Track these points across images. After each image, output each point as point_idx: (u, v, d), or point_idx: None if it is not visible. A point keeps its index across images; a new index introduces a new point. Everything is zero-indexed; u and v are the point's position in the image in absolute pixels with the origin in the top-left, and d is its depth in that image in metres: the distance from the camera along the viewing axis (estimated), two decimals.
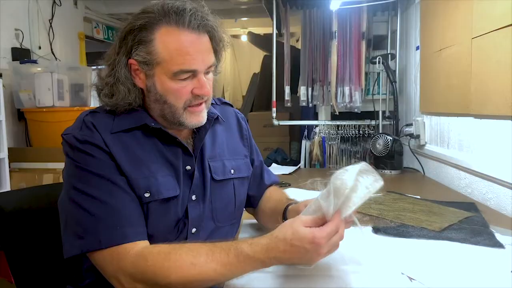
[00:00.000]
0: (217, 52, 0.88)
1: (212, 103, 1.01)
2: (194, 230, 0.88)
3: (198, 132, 0.93)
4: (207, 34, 0.84)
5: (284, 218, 0.92)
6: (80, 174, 0.79)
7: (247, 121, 1.14)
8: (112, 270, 0.74)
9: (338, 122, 2.52)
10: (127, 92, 0.84)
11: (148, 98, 0.86)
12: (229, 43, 0.92)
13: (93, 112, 0.87)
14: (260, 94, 4.26)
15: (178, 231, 0.87)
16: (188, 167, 0.89)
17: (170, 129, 0.88)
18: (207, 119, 0.92)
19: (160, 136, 0.87)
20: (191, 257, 0.71)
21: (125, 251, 0.74)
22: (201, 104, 0.86)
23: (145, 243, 0.78)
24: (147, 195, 0.81)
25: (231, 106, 1.09)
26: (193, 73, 0.82)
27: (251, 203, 1.07)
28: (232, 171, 0.97)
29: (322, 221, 0.70)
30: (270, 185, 1.11)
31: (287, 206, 0.94)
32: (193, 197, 0.89)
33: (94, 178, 0.78)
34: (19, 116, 2.82)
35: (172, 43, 0.80)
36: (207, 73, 0.86)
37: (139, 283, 0.72)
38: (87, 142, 0.80)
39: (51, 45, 3.19)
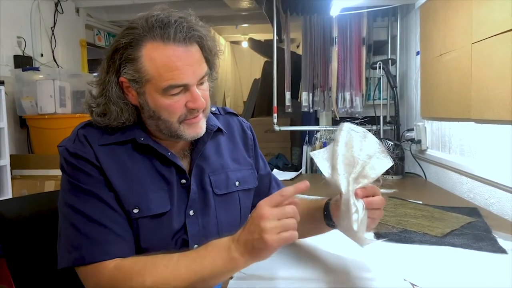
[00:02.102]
0: (209, 60, 0.86)
1: (215, 113, 0.99)
2: (196, 246, 0.85)
3: (196, 145, 0.90)
4: (196, 44, 0.82)
5: (326, 212, 0.86)
6: (70, 188, 0.79)
7: None
8: (91, 287, 0.75)
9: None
10: (119, 112, 0.82)
11: (143, 114, 0.84)
12: (221, 50, 0.90)
13: (88, 124, 0.85)
14: (261, 100, 4.27)
15: (176, 246, 0.84)
16: (184, 181, 0.86)
17: (165, 141, 0.87)
18: (206, 131, 0.89)
19: (151, 150, 0.85)
20: (165, 260, 0.72)
21: (103, 267, 0.74)
22: (197, 116, 0.84)
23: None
24: (136, 211, 0.80)
25: (236, 115, 1.06)
26: (185, 87, 0.80)
27: None
28: (237, 183, 0.94)
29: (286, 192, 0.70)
30: None
31: (327, 202, 0.88)
32: (191, 212, 0.86)
33: (82, 194, 0.78)
34: (21, 123, 2.84)
35: (159, 59, 0.77)
36: (201, 83, 0.83)
37: None
38: (77, 156, 0.80)
39: (53, 52, 3.21)
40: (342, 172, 0.74)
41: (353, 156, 0.74)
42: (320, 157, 0.80)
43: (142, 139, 0.84)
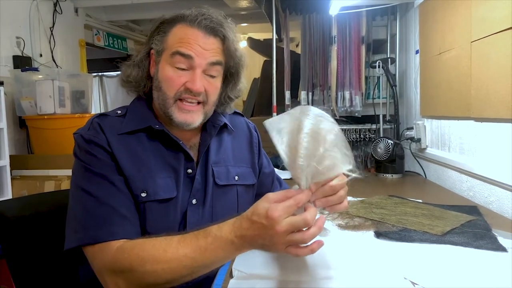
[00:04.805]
0: (230, 64, 0.91)
1: (222, 113, 1.02)
2: None
3: (203, 137, 0.94)
4: (220, 39, 0.88)
5: None
6: (82, 172, 0.83)
7: None
8: (97, 266, 0.77)
9: (338, 127, 2.51)
10: (138, 73, 0.91)
11: (153, 85, 0.91)
12: (245, 60, 0.94)
13: (103, 115, 0.91)
14: (260, 99, 4.26)
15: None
16: (190, 171, 0.90)
17: (175, 130, 0.90)
18: (213, 125, 0.95)
19: (163, 139, 0.89)
20: (164, 244, 0.73)
21: (109, 247, 0.76)
22: (194, 103, 0.88)
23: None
24: (143, 194, 0.84)
25: (242, 115, 1.10)
26: (191, 64, 0.85)
27: None
28: (237, 177, 0.97)
29: (293, 194, 0.67)
30: None
31: None
32: (193, 201, 0.89)
33: (94, 177, 0.82)
34: (21, 124, 2.84)
35: (179, 34, 0.87)
36: (211, 76, 0.88)
37: (119, 276, 0.74)
38: (91, 142, 0.84)
39: (52, 52, 3.21)
40: (303, 167, 0.69)
41: (316, 147, 0.69)
42: (275, 132, 0.73)
43: (157, 126, 0.88)
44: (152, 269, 0.71)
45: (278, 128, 0.73)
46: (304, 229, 0.65)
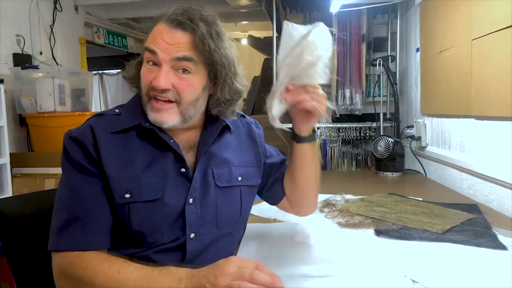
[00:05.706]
0: (204, 61, 0.84)
1: None
2: (192, 235, 0.86)
3: (204, 137, 0.92)
4: (189, 34, 0.82)
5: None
6: (62, 174, 0.84)
7: None
8: (54, 267, 0.79)
9: (339, 125, 2.52)
10: (133, 70, 0.90)
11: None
12: (223, 59, 0.86)
13: (99, 114, 0.89)
14: (260, 97, 4.26)
15: (173, 233, 0.85)
16: (183, 170, 0.87)
17: (171, 130, 0.88)
18: (216, 125, 0.92)
19: (153, 138, 0.87)
20: (120, 266, 0.74)
21: (66, 254, 0.78)
22: (163, 101, 0.83)
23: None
24: (127, 195, 0.82)
25: (243, 116, 1.06)
26: (157, 59, 0.82)
27: (280, 197, 1.07)
28: (240, 178, 0.95)
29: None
30: None
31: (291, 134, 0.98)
32: (190, 200, 0.87)
33: (66, 182, 0.82)
34: (21, 122, 2.83)
35: (153, 31, 0.86)
36: (181, 70, 0.82)
37: (68, 282, 0.76)
38: (76, 140, 0.83)
39: (52, 50, 3.20)
40: (289, 66, 0.84)
41: (307, 56, 0.82)
42: (287, 36, 0.87)
43: (147, 124, 0.86)
44: (99, 285, 0.72)
45: (292, 34, 0.86)
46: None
